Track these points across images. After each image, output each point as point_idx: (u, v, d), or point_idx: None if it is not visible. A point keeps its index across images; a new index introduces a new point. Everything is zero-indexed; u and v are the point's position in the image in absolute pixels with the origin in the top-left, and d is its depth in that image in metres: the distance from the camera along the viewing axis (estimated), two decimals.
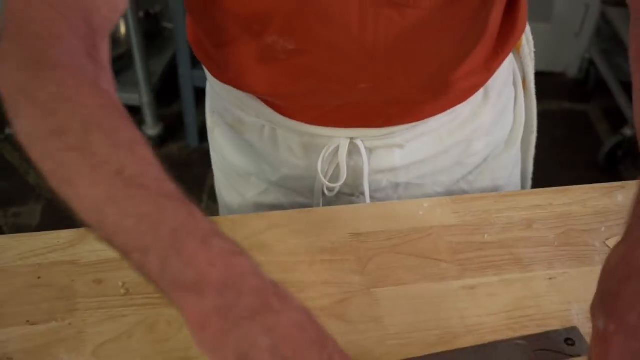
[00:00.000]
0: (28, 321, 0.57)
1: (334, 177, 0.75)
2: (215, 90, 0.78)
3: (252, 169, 0.78)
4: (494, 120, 0.78)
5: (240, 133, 0.77)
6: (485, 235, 0.68)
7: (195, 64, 1.93)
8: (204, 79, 0.79)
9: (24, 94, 0.45)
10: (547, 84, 2.51)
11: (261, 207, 0.80)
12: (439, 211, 0.71)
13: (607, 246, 0.67)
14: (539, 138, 0.87)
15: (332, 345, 0.42)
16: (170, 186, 0.44)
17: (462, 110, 0.75)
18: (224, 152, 0.81)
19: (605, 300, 0.46)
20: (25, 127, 0.45)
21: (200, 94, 2.25)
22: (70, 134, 0.44)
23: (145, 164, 0.44)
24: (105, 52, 0.50)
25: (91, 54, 0.48)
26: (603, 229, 0.69)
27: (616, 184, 0.75)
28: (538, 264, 0.65)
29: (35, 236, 0.65)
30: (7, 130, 2.13)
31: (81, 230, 0.65)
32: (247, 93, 0.72)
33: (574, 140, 2.27)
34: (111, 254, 0.61)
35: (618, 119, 2.22)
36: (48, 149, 0.44)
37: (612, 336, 0.44)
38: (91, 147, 0.44)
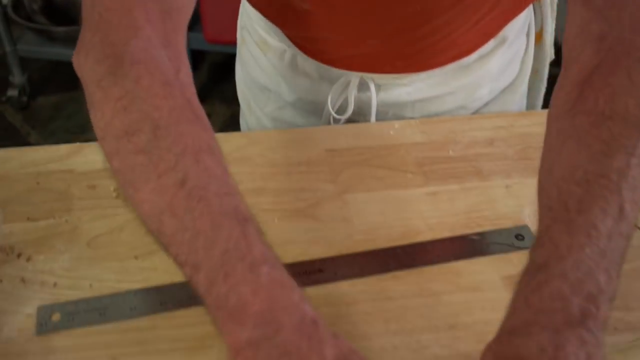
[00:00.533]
0: (28, 218, 0.63)
1: (342, 109, 0.80)
2: (246, 8, 0.84)
3: (272, 86, 0.84)
4: (501, 69, 0.80)
5: (264, 52, 0.82)
6: (450, 151, 0.73)
7: (191, 26, 1.98)
8: (201, 41, 0.85)
9: (101, 88, 0.46)
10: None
11: (278, 123, 0.85)
12: (408, 131, 0.76)
13: None
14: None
15: None
16: (230, 201, 0.43)
17: (469, 58, 0.77)
18: (248, 66, 0.87)
19: None
20: (99, 121, 0.46)
21: (197, 57, 2.31)
22: (141, 135, 0.44)
23: (209, 175, 0.44)
24: (182, 40, 0.51)
25: (169, 44, 0.48)
26: None
27: None
28: (496, 175, 0.71)
29: (34, 149, 0.70)
30: (9, 92, 2.18)
31: (76, 145, 0.71)
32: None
33: None
34: (104, 164, 0.68)
35: None
36: (118, 147, 0.45)
37: None
38: (159, 152, 0.44)
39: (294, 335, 0.39)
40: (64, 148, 0.71)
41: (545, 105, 0.96)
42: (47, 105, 2.27)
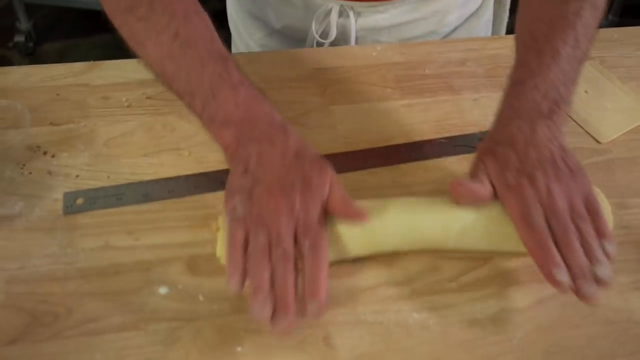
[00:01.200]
0: (51, 123, 0.72)
1: (325, 34, 0.88)
2: None
3: (260, 15, 0.91)
4: None
5: None
6: (426, 70, 0.82)
7: None
8: None
9: None
10: None
11: (266, 49, 0.93)
12: (389, 53, 0.84)
13: None
14: None
15: (299, 178, 0.54)
16: (213, 46, 0.60)
17: None
18: None
19: (504, 164, 0.57)
20: (107, 4, 0.62)
21: None
22: (140, 8, 0.59)
23: (195, 29, 0.60)
24: None
25: None
26: None
27: None
28: (466, 89, 0.79)
29: (54, 66, 0.79)
30: (16, 38, 2.25)
31: (90, 63, 0.79)
32: None
33: None
34: (116, 79, 0.76)
35: None
36: (124, 20, 0.61)
37: (521, 186, 0.56)
38: (155, 17, 0.59)
39: (266, 130, 0.57)
40: (79, 65, 0.79)
41: (509, 32, 1.04)
42: (53, 51, 2.33)
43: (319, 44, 0.88)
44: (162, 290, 0.57)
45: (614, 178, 0.69)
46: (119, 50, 0.65)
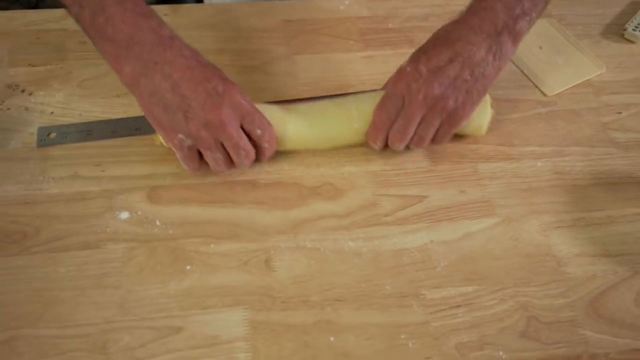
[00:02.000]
0: (30, 64, 0.77)
1: None
2: None
3: None
4: None
5: None
6: (390, 24, 0.86)
7: None
8: None
9: None
10: None
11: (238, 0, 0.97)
12: (356, 7, 0.88)
13: None
14: None
15: (217, 77, 0.59)
16: None
17: None
18: None
19: (418, 53, 0.65)
20: None
21: None
22: None
23: None
24: None
25: None
26: None
27: None
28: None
29: (35, 12, 0.84)
30: None
31: None
32: None
33: None
34: None
35: None
36: None
37: (404, 72, 0.64)
38: None
39: (157, 49, 0.58)
40: (58, 12, 0.83)
41: None
42: (56, 5, 2.37)
43: None
44: (123, 215, 0.63)
45: (555, 128, 0.73)
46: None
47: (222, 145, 0.62)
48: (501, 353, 0.55)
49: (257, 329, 0.55)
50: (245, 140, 0.62)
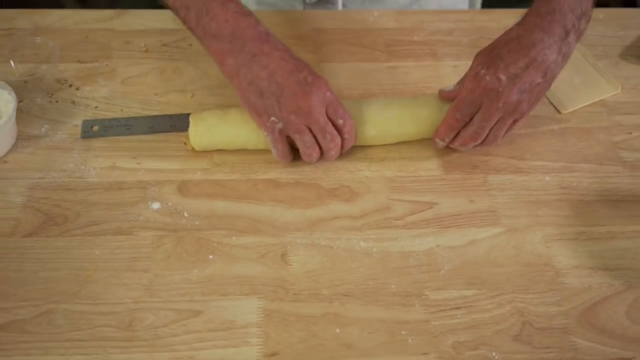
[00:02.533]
0: (78, 61, 0.83)
1: None
2: None
3: None
4: None
5: None
6: (415, 37, 0.90)
7: None
8: None
9: None
10: None
11: (262, 6, 1.02)
12: (384, 19, 0.92)
13: None
14: None
15: (307, 70, 0.68)
16: None
17: None
18: None
19: (492, 58, 0.68)
20: None
21: None
22: None
23: None
24: None
25: None
26: None
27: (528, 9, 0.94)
28: (448, 57, 0.87)
29: (85, 11, 0.90)
30: None
31: (117, 10, 0.90)
32: None
33: None
34: (138, 27, 0.86)
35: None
36: None
37: (484, 78, 0.67)
38: None
39: (256, 43, 0.67)
40: (106, 12, 0.90)
41: (484, 3, 1.10)
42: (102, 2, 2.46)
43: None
44: (155, 205, 0.69)
45: (566, 145, 0.77)
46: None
47: (310, 130, 0.68)
48: (494, 354, 0.59)
49: (270, 317, 0.61)
50: (330, 125, 0.68)
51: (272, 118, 0.67)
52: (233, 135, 0.71)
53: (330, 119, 0.68)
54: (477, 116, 0.69)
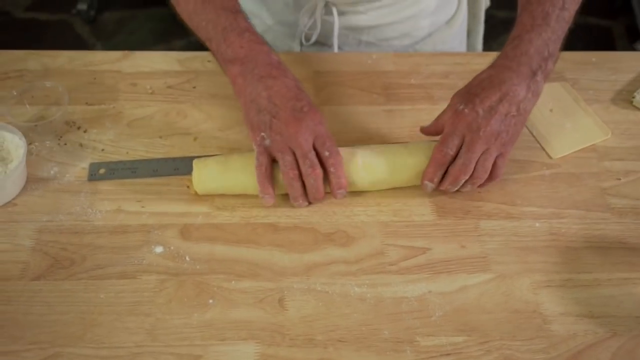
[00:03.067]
0: (87, 103, 0.86)
1: (312, 28, 1.00)
2: None
3: (256, 12, 1.04)
4: (437, 6, 1.01)
5: None
6: (412, 80, 0.92)
7: None
8: None
9: None
10: None
11: None
12: (383, 61, 0.95)
13: None
14: None
15: (306, 100, 0.72)
16: (229, 2, 0.77)
17: None
18: None
19: (468, 96, 0.73)
20: None
21: None
22: None
23: None
24: None
25: None
26: None
27: None
28: (444, 100, 0.89)
29: (93, 53, 0.93)
30: (79, 6, 2.43)
31: (124, 52, 0.93)
32: None
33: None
34: (144, 68, 0.89)
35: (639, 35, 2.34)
36: None
37: (463, 112, 0.72)
38: None
39: (266, 67, 0.73)
40: (114, 54, 0.93)
41: (485, 47, 1.14)
42: (112, 20, 2.50)
43: (307, 37, 1.00)
44: (158, 249, 0.71)
45: (556, 190, 0.79)
46: (173, 22, 0.82)
47: (294, 155, 0.72)
48: None
49: None
50: (313, 154, 0.71)
51: (262, 134, 0.71)
52: (234, 182, 0.74)
53: (316, 150, 0.72)
54: (462, 149, 0.72)
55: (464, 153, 0.72)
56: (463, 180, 0.74)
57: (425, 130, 0.77)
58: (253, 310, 0.67)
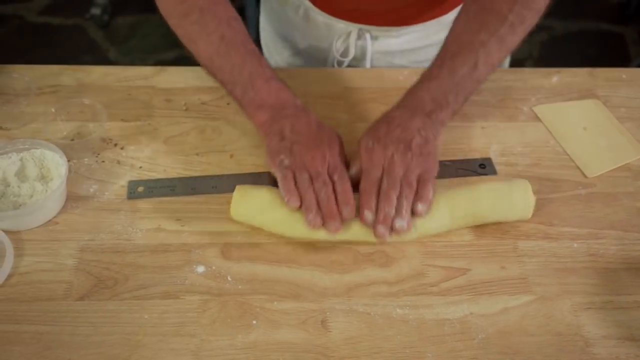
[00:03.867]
0: (122, 119, 0.87)
1: (344, 54, 1.01)
2: None
3: (288, 36, 1.05)
4: None
5: (282, 6, 1.03)
6: None
7: None
8: None
9: None
10: (589, 5, 2.63)
11: (292, 67, 1.07)
12: (414, 77, 0.94)
13: (533, 111, 0.91)
14: (569, 54, 1.10)
15: (327, 136, 0.77)
16: (251, 46, 0.81)
17: (447, 17, 0.98)
18: (270, 18, 1.08)
19: (374, 133, 0.76)
20: (164, 9, 0.82)
21: None
22: (193, 14, 0.80)
23: (237, 33, 0.81)
24: None
25: None
26: (533, 99, 0.93)
27: (554, 69, 0.98)
28: (477, 117, 0.90)
29: (127, 69, 0.94)
30: (93, 11, 2.43)
31: (158, 68, 0.94)
32: None
33: (605, 59, 2.41)
34: (178, 84, 0.90)
35: None
36: (179, 23, 0.82)
37: (374, 149, 0.74)
38: (205, 22, 0.79)
39: (292, 111, 0.78)
40: (147, 69, 0.93)
41: (513, 63, 1.13)
42: (125, 25, 2.51)
43: (339, 63, 1.01)
44: (200, 269, 0.72)
45: (593, 210, 0.79)
46: None
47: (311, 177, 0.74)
48: None
49: None
50: (325, 175, 0.74)
51: (282, 156, 0.74)
52: (271, 223, 0.74)
53: (328, 174, 0.74)
54: (383, 178, 0.73)
55: (386, 176, 0.73)
56: (395, 197, 0.71)
57: (352, 177, 0.76)
58: (296, 332, 0.67)
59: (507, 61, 1.10)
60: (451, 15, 0.98)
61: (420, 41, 0.99)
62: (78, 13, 2.51)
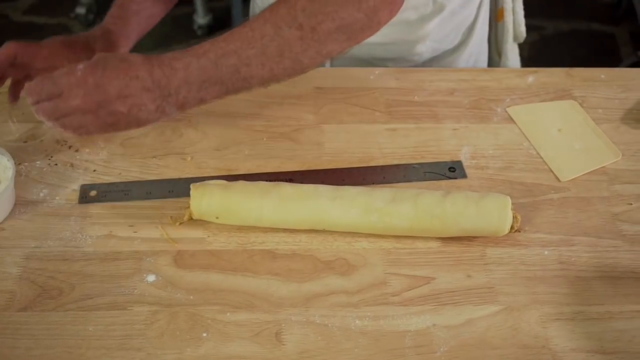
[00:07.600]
0: None
1: None
2: None
3: None
4: (443, 33, 0.98)
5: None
6: (415, 97, 0.90)
7: None
8: None
9: None
10: (580, 5, 2.60)
11: None
12: (385, 77, 0.92)
13: (507, 112, 0.88)
14: (559, 55, 1.07)
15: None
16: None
17: (409, 15, 0.94)
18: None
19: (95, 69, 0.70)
20: None
21: None
22: None
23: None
24: None
25: None
26: (508, 99, 0.90)
27: (530, 69, 0.95)
28: (448, 119, 0.87)
29: None
30: (78, 10, 2.40)
31: None
32: None
33: (595, 59, 2.38)
34: None
35: None
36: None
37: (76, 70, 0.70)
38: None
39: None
40: None
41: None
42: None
43: None
44: (150, 278, 0.68)
45: (565, 216, 0.76)
46: (173, 27, 0.80)
47: None
48: None
49: None
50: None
51: None
52: (235, 209, 0.71)
53: None
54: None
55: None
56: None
57: None
58: (248, 345, 0.64)
59: (484, 60, 1.06)
60: (414, 16, 0.95)
61: (383, 38, 0.96)
62: (63, 12, 2.47)
